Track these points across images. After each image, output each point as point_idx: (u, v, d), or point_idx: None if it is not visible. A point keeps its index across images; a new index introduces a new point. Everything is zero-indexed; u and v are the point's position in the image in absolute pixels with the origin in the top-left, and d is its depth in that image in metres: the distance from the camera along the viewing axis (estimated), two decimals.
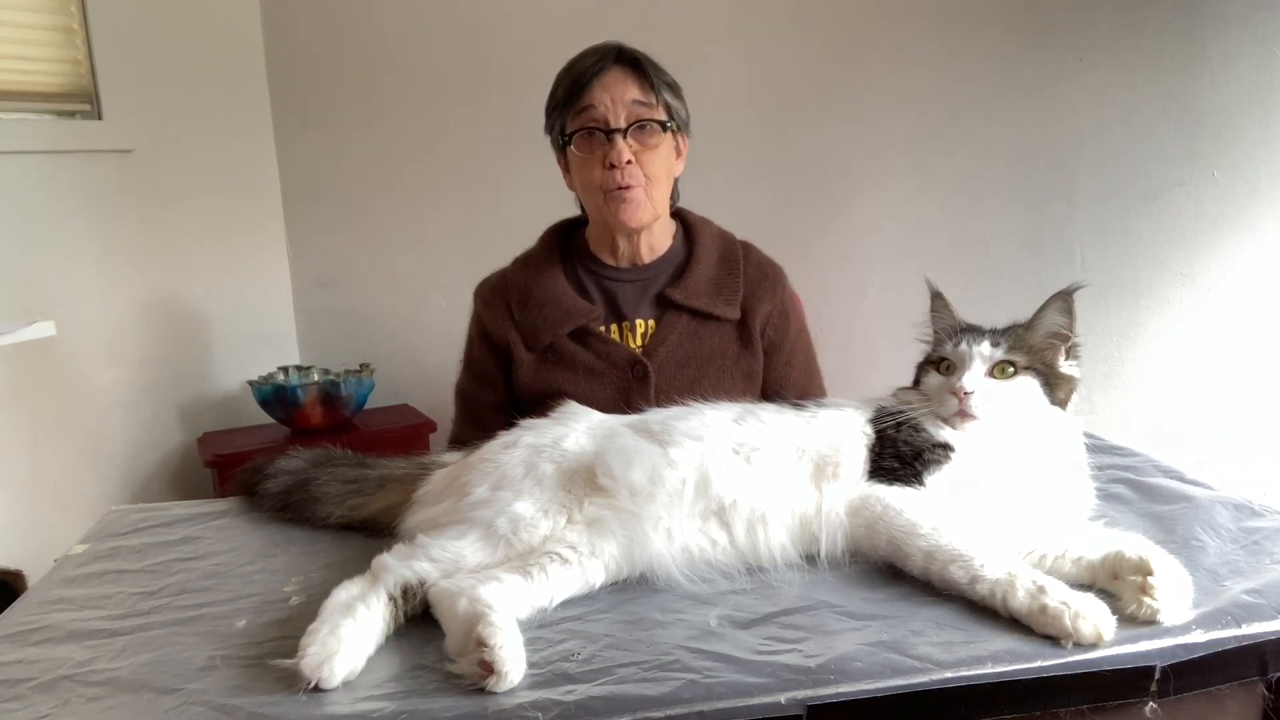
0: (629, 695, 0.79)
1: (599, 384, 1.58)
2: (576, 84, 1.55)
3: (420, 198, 2.99)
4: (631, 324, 1.63)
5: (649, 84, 1.56)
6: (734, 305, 1.63)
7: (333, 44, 2.94)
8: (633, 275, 1.66)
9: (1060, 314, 1.14)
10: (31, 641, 0.95)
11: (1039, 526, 1.01)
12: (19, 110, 2.44)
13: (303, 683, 0.82)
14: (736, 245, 1.70)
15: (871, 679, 0.81)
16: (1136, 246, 2.57)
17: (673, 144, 1.61)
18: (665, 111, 1.57)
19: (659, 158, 1.57)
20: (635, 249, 1.65)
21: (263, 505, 1.30)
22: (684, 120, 1.64)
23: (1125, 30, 2.49)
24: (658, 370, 1.58)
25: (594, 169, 1.55)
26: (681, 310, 1.61)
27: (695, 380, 1.58)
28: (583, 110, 1.55)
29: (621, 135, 1.53)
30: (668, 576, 1.01)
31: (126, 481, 2.68)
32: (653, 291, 1.64)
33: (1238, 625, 0.87)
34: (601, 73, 1.54)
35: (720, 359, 1.62)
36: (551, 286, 1.63)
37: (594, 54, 1.57)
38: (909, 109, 2.70)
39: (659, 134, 1.57)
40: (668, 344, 1.60)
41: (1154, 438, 2.53)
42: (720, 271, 1.65)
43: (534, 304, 1.62)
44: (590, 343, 1.60)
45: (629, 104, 1.54)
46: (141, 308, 2.71)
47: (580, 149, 1.57)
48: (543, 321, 1.61)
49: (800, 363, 1.70)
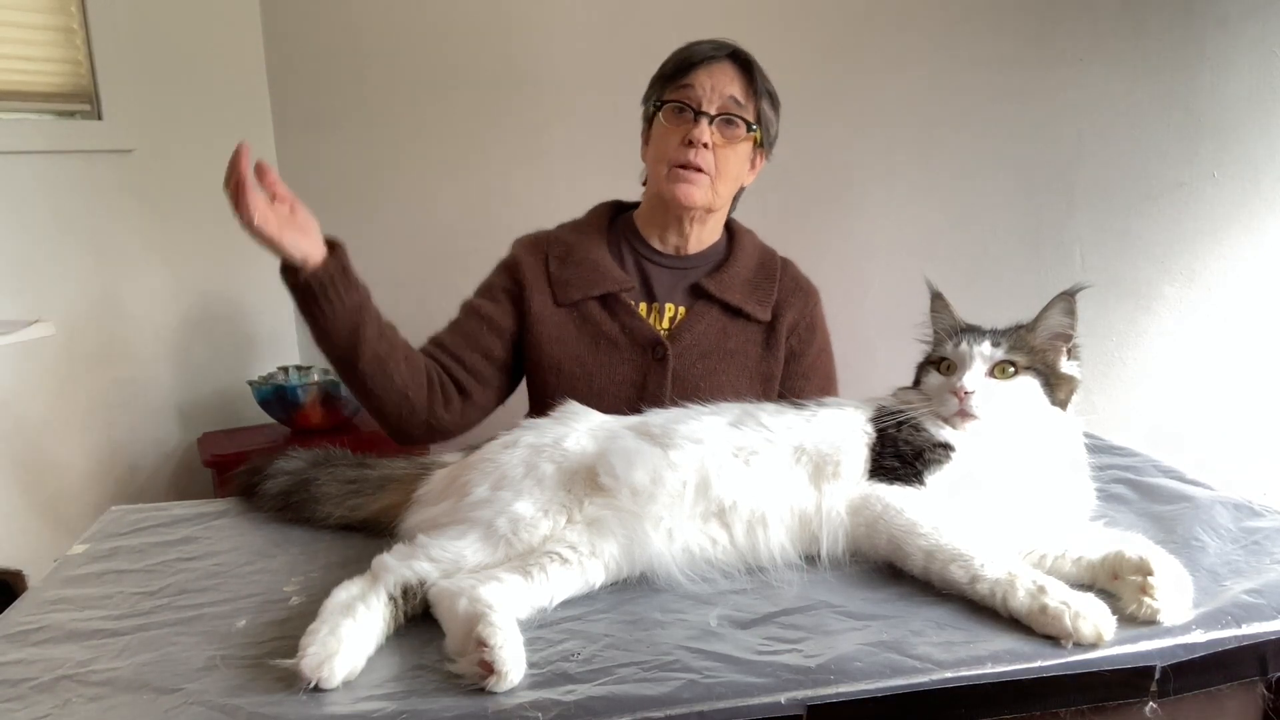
0: (629, 695, 0.79)
1: (617, 359, 1.58)
2: (685, 62, 1.59)
3: (420, 198, 2.99)
4: (661, 306, 1.64)
5: (752, 88, 1.59)
6: (766, 307, 1.64)
7: (333, 44, 2.94)
8: (673, 262, 1.67)
9: (1064, 314, 1.14)
10: (31, 641, 0.95)
11: (1039, 526, 1.01)
12: (19, 110, 2.44)
13: (303, 683, 0.82)
14: (776, 257, 1.73)
15: (871, 679, 0.81)
16: (1136, 246, 2.57)
17: (750, 151, 1.64)
18: (756, 116, 1.60)
19: (735, 155, 1.59)
20: (684, 237, 1.66)
21: (262, 506, 1.30)
22: (771, 137, 1.67)
23: (1125, 30, 2.49)
24: (678, 356, 1.59)
25: (672, 140, 1.57)
26: (714, 302, 1.63)
27: (713, 373, 1.59)
28: (682, 87, 1.58)
29: (708, 120, 1.55)
30: (668, 576, 1.01)
31: (126, 481, 2.68)
32: (689, 281, 1.66)
33: (1238, 625, 0.87)
34: (711, 61, 1.58)
35: (742, 357, 1.63)
36: (593, 250, 1.65)
37: (712, 43, 1.61)
38: (909, 109, 2.70)
39: (743, 133, 1.59)
40: (694, 332, 1.61)
41: (1154, 438, 2.53)
42: (758, 275, 1.67)
43: (572, 261, 1.63)
44: (617, 312, 1.61)
45: (725, 97, 1.56)
46: (141, 307, 2.71)
47: (668, 119, 1.59)
48: (576, 279, 1.61)
49: (818, 381, 1.71)
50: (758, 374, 1.63)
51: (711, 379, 1.58)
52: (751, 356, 1.63)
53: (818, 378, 1.71)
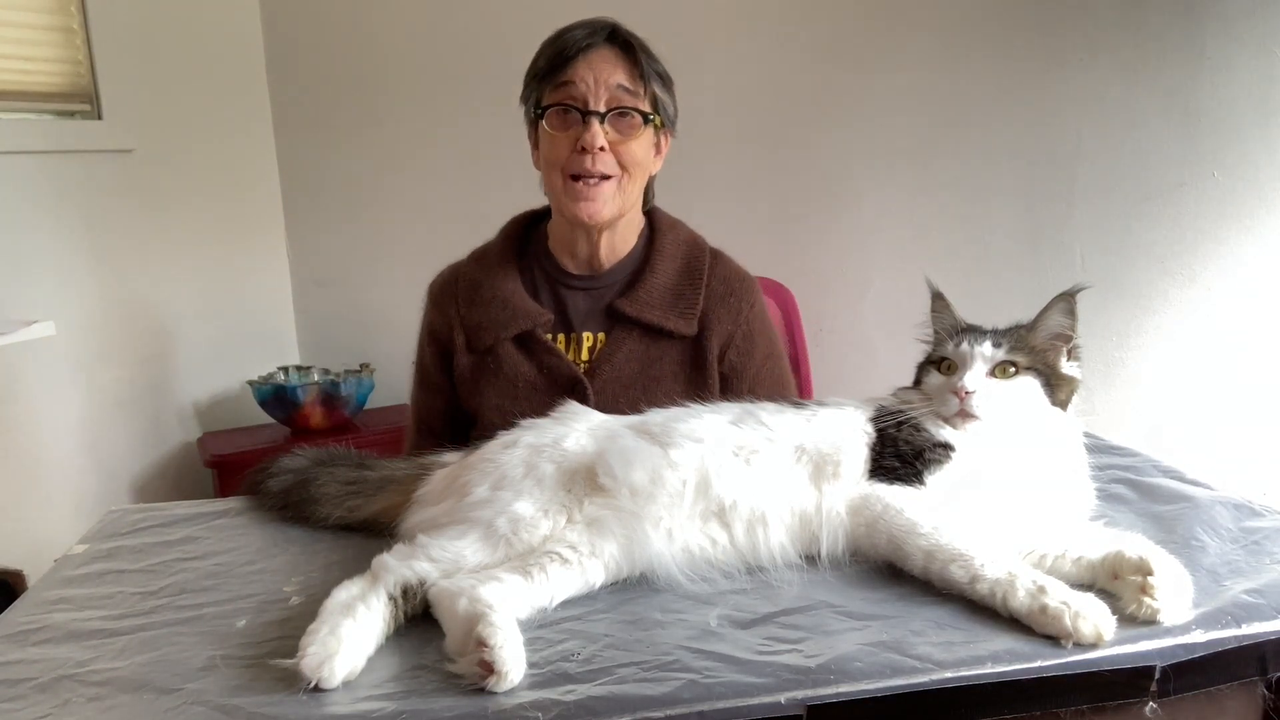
0: (629, 695, 0.79)
1: (539, 403, 1.34)
2: (560, 56, 1.44)
3: (420, 197, 2.99)
4: (579, 336, 1.52)
5: (638, 71, 1.45)
6: (690, 320, 1.50)
7: (333, 45, 2.94)
8: (586, 283, 1.55)
9: (1064, 315, 1.14)
10: (31, 641, 0.95)
11: (1039, 526, 1.01)
12: (19, 110, 2.44)
13: (303, 683, 0.82)
14: (704, 254, 1.56)
15: (871, 679, 0.81)
16: (1136, 246, 2.57)
17: (653, 139, 1.50)
18: (651, 103, 1.46)
19: (637, 148, 1.46)
20: (594, 249, 1.53)
21: (264, 504, 1.30)
22: (670, 117, 1.52)
23: (1125, 29, 2.49)
24: (599, 391, 1.47)
25: (562, 148, 1.44)
26: (632, 325, 1.50)
27: (637, 404, 1.35)
28: (562, 85, 1.43)
29: (599, 119, 1.42)
30: (668, 576, 1.00)
31: (126, 481, 2.68)
32: (604, 302, 1.53)
33: (1238, 625, 0.87)
34: (589, 49, 1.44)
35: (670, 381, 1.49)
36: (502, 284, 1.52)
37: (585, 27, 1.46)
38: (909, 109, 2.70)
39: (639, 125, 1.45)
40: (613, 362, 1.49)
41: (1154, 438, 2.53)
42: (679, 281, 1.52)
43: (481, 301, 1.52)
44: (534, 350, 1.50)
45: (613, 88, 1.42)
46: (141, 308, 2.71)
47: (553, 125, 1.45)
48: (488, 320, 1.50)
49: (767, 391, 1.53)
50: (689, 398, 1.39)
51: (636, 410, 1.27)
52: (679, 380, 1.50)
53: (765, 387, 1.55)
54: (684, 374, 1.51)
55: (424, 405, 1.62)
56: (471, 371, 1.53)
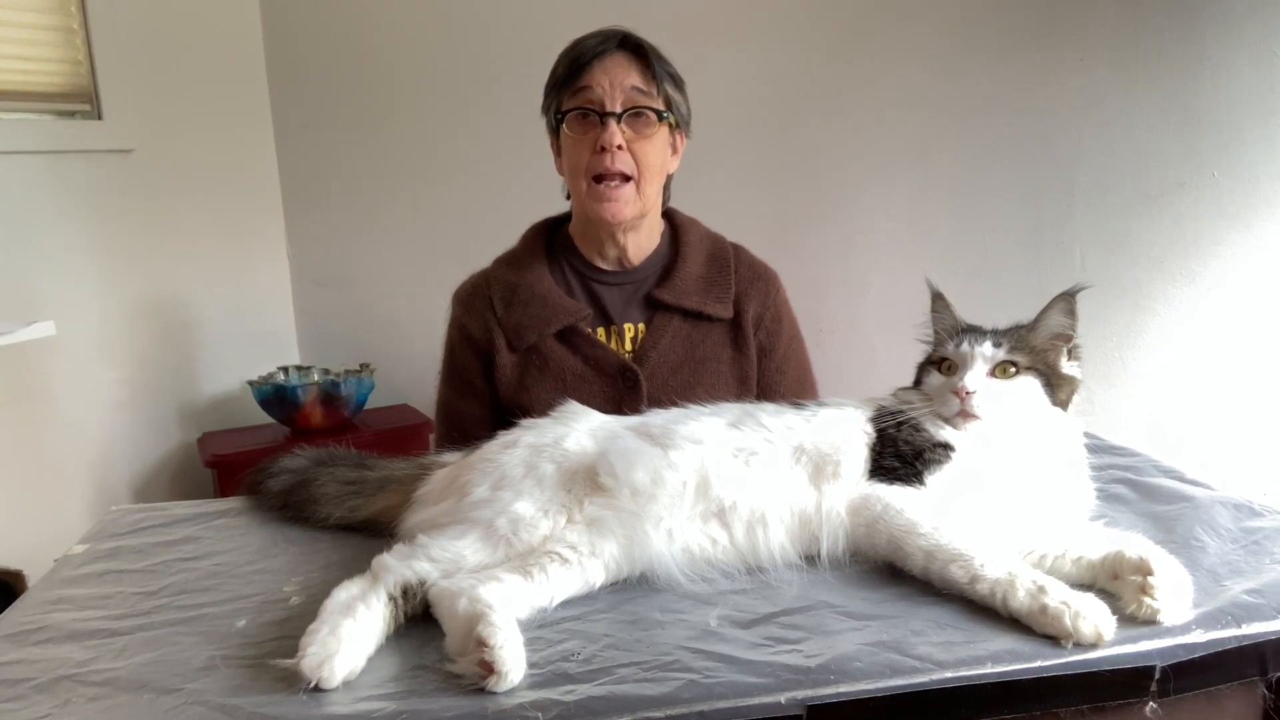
0: (629, 695, 0.79)
1: (587, 394, 1.49)
2: (576, 63, 1.52)
3: (420, 197, 2.99)
4: (620, 329, 1.58)
5: (650, 73, 1.52)
6: (726, 304, 1.58)
7: (333, 44, 2.94)
8: (620, 278, 1.61)
9: (1064, 315, 1.14)
10: (31, 641, 0.95)
11: (1039, 526, 1.01)
12: (19, 110, 2.44)
13: (303, 683, 0.82)
14: (727, 246, 1.65)
15: (871, 679, 0.81)
16: (1136, 246, 2.57)
17: (668, 138, 1.57)
18: (664, 102, 1.54)
19: (652, 149, 1.53)
20: (622, 249, 1.60)
21: (264, 504, 1.30)
22: (684, 116, 1.60)
23: (1125, 30, 2.49)
24: (649, 377, 1.53)
25: (584, 151, 1.51)
26: (672, 311, 1.57)
27: (689, 386, 1.53)
28: (580, 90, 1.51)
29: (615, 120, 1.49)
30: (668, 576, 1.00)
31: (126, 481, 2.68)
32: (641, 294, 1.59)
33: (1238, 625, 0.87)
34: (603, 55, 1.51)
35: (715, 363, 1.56)
36: (538, 283, 1.58)
37: (598, 36, 1.54)
38: (909, 109, 2.70)
39: (654, 124, 1.53)
40: (659, 348, 1.55)
41: (1154, 438, 2.53)
42: (710, 270, 1.60)
43: (519, 301, 1.57)
44: (578, 344, 1.55)
45: (627, 90, 1.50)
46: (141, 308, 2.71)
47: (573, 129, 1.52)
48: (528, 319, 1.55)
49: (793, 372, 1.64)
50: (733, 377, 1.57)
51: (688, 393, 1.48)
52: (724, 360, 1.57)
53: (792, 369, 1.63)
54: (727, 355, 1.58)
55: (458, 410, 1.65)
56: (516, 370, 1.57)
